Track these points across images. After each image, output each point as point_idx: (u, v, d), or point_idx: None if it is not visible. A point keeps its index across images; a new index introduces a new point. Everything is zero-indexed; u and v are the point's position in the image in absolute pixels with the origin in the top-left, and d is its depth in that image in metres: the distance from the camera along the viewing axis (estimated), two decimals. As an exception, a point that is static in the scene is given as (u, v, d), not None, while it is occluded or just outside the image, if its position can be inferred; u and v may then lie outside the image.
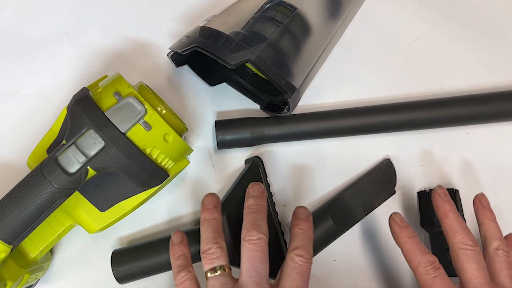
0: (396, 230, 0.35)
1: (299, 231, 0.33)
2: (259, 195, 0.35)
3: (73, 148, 0.31)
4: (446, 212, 0.35)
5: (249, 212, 0.34)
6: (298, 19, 0.39)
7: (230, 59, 0.34)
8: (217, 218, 0.34)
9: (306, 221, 0.34)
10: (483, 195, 0.37)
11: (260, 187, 0.35)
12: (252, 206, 0.34)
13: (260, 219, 0.33)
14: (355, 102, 0.43)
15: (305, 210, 0.35)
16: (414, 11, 0.47)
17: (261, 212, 0.34)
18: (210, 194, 0.36)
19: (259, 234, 0.32)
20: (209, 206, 0.35)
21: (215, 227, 0.33)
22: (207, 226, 0.34)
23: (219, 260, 0.32)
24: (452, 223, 0.34)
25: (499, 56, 0.45)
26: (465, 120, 0.41)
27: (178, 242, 0.35)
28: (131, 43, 0.46)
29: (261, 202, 0.34)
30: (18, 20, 0.46)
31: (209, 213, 0.34)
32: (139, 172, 0.32)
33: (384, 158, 0.42)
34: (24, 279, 0.34)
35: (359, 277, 0.40)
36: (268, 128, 0.40)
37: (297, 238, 0.33)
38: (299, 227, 0.34)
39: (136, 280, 0.37)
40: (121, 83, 0.34)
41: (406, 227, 0.35)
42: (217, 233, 0.33)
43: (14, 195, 0.31)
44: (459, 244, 0.33)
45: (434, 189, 0.37)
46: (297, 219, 0.34)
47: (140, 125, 0.32)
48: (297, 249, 0.32)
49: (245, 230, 0.32)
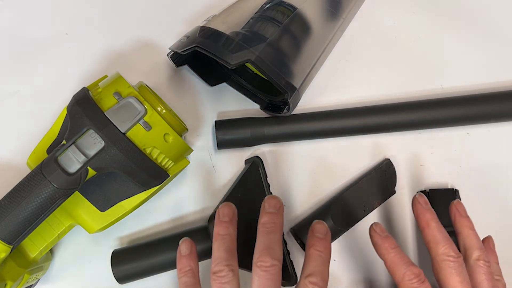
0: (378, 241, 0.33)
1: (314, 253, 0.30)
2: (275, 212, 0.32)
3: (73, 148, 0.31)
4: (427, 222, 0.33)
5: (263, 232, 0.31)
6: (298, 19, 0.39)
7: (230, 59, 0.34)
8: (232, 234, 0.32)
9: (324, 241, 0.31)
10: (459, 202, 0.36)
11: (278, 202, 0.32)
12: (267, 224, 0.31)
13: (275, 241, 0.30)
14: (355, 102, 0.43)
15: (323, 227, 0.32)
16: (414, 11, 0.47)
17: (276, 232, 0.31)
18: (227, 204, 0.33)
19: (273, 260, 0.29)
20: (224, 219, 0.32)
21: (229, 246, 0.31)
22: (221, 243, 0.31)
23: (230, 286, 0.30)
24: (434, 233, 0.33)
25: (499, 56, 0.45)
26: (465, 120, 0.41)
27: (186, 254, 0.33)
28: (131, 43, 0.46)
29: (277, 220, 0.31)
30: (18, 20, 0.46)
31: (224, 227, 0.32)
32: (139, 172, 0.32)
33: (384, 158, 0.42)
34: (24, 279, 0.34)
35: (359, 277, 0.40)
36: (268, 128, 0.40)
37: (312, 261, 0.30)
38: (315, 248, 0.30)
39: (136, 280, 0.37)
40: (121, 83, 0.34)
41: (388, 238, 0.33)
42: (230, 253, 0.31)
43: (14, 195, 0.31)
44: (442, 256, 0.32)
45: (414, 197, 0.35)
46: (313, 237, 0.31)
47: (140, 125, 0.32)
48: (311, 275, 0.29)
49: (258, 254, 0.30)
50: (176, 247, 0.36)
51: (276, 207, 0.32)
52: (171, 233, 0.38)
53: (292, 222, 0.41)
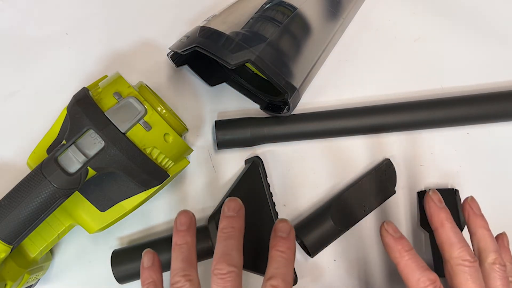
0: (390, 242, 0.31)
1: (276, 254, 0.29)
2: (234, 216, 0.31)
3: (73, 148, 0.31)
4: (442, 222, 0.31)
5: (221, 238, 0.30)
6: (298, 19, 0.39)
7: (230, 59, 0.34)
8: (189, 242, 0.31)
9: (286, 240, 0.30)
10: (473, 199, 0.33)
11: (237, 204, 0.32)
12: (224, 229, 0.30)
13: (232, 247, 0.29)
14: (355, 102, 0.43)
15: (285, 225, 0.31)
16: (414, 11, 0.47)
17: (233, 237, 0.30)
18: (184, 212, 0.32)
19: (229, 266, 0.28)
20: (181, 228, 0.32)
21: (186, 255, 0.30)
22: (177, 253, 0.31)
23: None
24: (449, 235, 0.31)
25: (499, 56, 0.45)
26: (465, 120, 0.41)
27: (148, 266, 0.32)
28: (131, 43, 0.46)
29: (236, 225, 0.31)
30: (18, 20, 0.46)
31: (181, 236, 0.31)
32: (139, 172, 0.32)
33: (384, 158, 0.42)
34: (24, 279, 0.34)
35: (359, 277, 0.40)
36: (268, 128, 0.40)
37: (273, 263, 0.29)
38: (277, 248, 0.29)
39: (136, 280, 0.37)
40: (121, 83, 0.34)
41: (401, 239, 0.31)
42: (187, 263, 0.30)
43: (14, 195, 0.31)
44: (456, 259, 0.30)
45: (427, 194, 0.33)
46: (275, 237, 0.30)
47: (140, 125, 0.32)
48: (272, 278, 0.28)
49: (215, 262, 0.29)
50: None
51: (235, 210, 0.31)
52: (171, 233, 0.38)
53: (292, 222, 0.41)
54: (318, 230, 0.38)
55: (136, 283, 0.37)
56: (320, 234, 0.38)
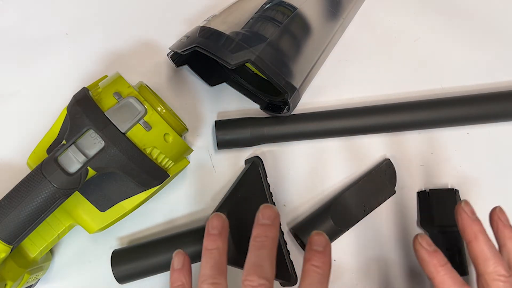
0: (425, 256, 0.30)
1: (310, 268, 0.28)
2: (269, 224, 0.30)
3: (73, 148, 0.31)
4: (475, 234, 0.30)
5: (253, 247, 0.29)
6: (298, 19, 0.39)
7: (230, 59, 0.34)
8: (220, 248, 0.30)
9: (322, 255, 0.28)
10: (502, 210, 0.32)
11: (272, 212, 0.30)
12: (257, 238, 0.29)
13: (264, 258, 0.28)
14: (355, 102, 0.43)
15: (321, 238, 0.29)
16: (414, 11, 0.47)
17: (266, 247, 0.29)
18: (216, 215, 0.31)
19: (260, 279, 0.27)
20: (213, 232, 0.30)
21: (217, 261, 0.29)
22: (208, 258, 0.29)
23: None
24: (483, 248, 0.29)
25: (499, 56, 0.45)
26: (465, 120, 0.41)
27: (178, 268, 0.31)
28: (131, 43, 0.46)
29: (270, 234, 0.29)
30: (18, 20, 0.46)
31: (212, 241, 0.30)
32: (139, 172, 0.32)
33: (384, 158, 0.42)
34: (24, 279, 0.34)
35: (359, 277, 0.40)
36: (268, 128, 0.40)
37: (307, 278, 0.28)
38: (312, 262, 0.28)
39: (136, 280, 0.37)
40: (121, 83, 0.34)
41: (436, 253, 0.30)
42: (217, 270, 0.29)
43: (14, 195, 0.31)
44: (492, 275, 0.29)
45: (459, 205, 0.31)
46: (310, 251, 0.29)
47: (140, 125, 0.32)
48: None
49: (246, 272, 0.28)
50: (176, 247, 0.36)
51: (271, 218, 0.30)
52: (171, 233, 0.38)
53: (292, 222, 0.41)
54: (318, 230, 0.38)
55: (136, 283, 0.37)
56: (320, 234, 0.38)
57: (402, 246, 0.40)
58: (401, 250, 0.40)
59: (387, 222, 0.41)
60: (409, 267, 0.40)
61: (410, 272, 0.40)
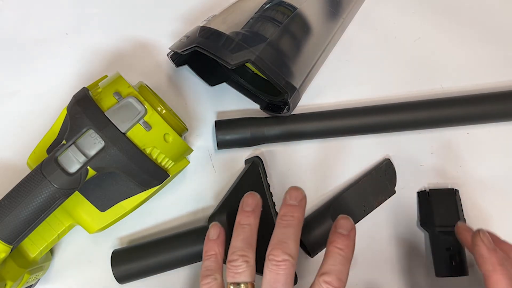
0: (485, 253, 0.29)
1: (333, 250, 0.29)
2: (296, 205, 0.31)
3: (73, 148, 0.31)
4: (494, 267, 0.29)
5: (280, 225, 0.30)
6: (298, 19, 0.39)
7: (230, 59, 0.34)
8: (252, 224, 0.31)
9: (346, 238, 0.29)
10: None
11: (300, 194, 0.31)
12: (284, 217, 0.30)
13: (290, 236, 0.29)
14: (355, 102, 0.43)
15: (347, 222, 0.30)
16: (414, 11, 0.47)
17: (292, 226, 0.30)
18: (251, 194, 0.33)
19: (284, 254, 0.28)
20: (247, 209, 0.32)
21: (248, 236, 0.31)
22: (239, 232, 0.31)
23: (243, 276, 0.29)
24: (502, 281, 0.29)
25: (499, 56, 0.45)
26: (465, 120, 0.41)
27: (214, 238, 0.33)
28: (131, 43, 0.46)
29: (296, 214, 0.30)
30: (18, 20, 0.46)
31: (246, 217, 0.32)
32: (139, 172, 0.32)
33: (384, 158, 0.42)
34: (24, 279, 0.34)
35: (359, 277, 0.40)
36: (268, 128, 0.40)
37: (330, 259, 0.29)
38: (335, 244, 0.29)
39: (136, 280, 0.37)
40: (121, 83, 0.34)
41: (497, 251, 0.29)
42: (247, 244, 0.30)
43: (14, 195, 0.31)
44: None
45: (477, 236, 0.31)
46: (335, 233, 0.30)
47: (140, 125, 0.32)
48: (327, 274, 0.28)
49: (271, 247, 0.29)
50: (176, 247, 0.36)
51: (298, 199, 0.31)
52: (171, 233, 0.38)
53: (292, 222, 0.41)
54: (318, 230, 0.38)
55: (136, 283, 0.37)
56: (320, 234, 0.38)
57: (402, 246, 0.40)
58: (401, 250, 0.40)
59: (387, 222, 0.41)
60: (409, 266, 0.40)
61: (410, 272, 0.40)
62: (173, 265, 0.37)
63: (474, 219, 0.40)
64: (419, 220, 0.41)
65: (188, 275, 0.39)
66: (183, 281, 0.39)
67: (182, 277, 0.39)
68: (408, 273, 0.40)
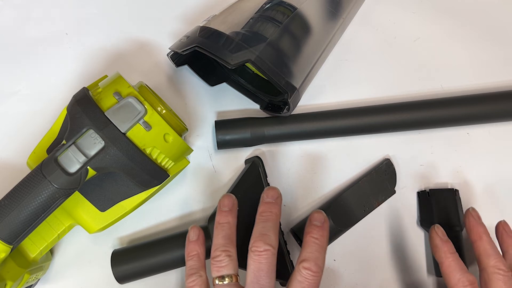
0: (438, 243, 0.35)
1: (310, 240, 0.32)
2: (272, 202, 0.34)
3: (73, 148, 0.31)
4: (480, 235, 0.34)
5: (259, 220, 0.33)
6: (298, 19, 0.39)
7: (230, 59, 0.34)
8: (230, 222, 0.33)
9: (320, 229, 0.33)
10: (506, 223, 0.36)
11: (275, 192, 0.34)
12: (263, 213, 0.33)
13: (269, 229, 0.32)
14: (355, 102, 0.43)
15: (320, 215, 0.33)
16: (414, 11, 0.47)
17: (271, 220, 0.33)
18: (227, 195, 0.35)
19: (265, 245, 0.31)
20: (224, 209, 0.34)
21: (227, 233, 0.33)
22: (219, 230, 0.33)
23: (227, 269, 0.31)
24: (486, 247, 0.34)
25: (499, 56, 0.45)
26: (465, 120, 0.41)
27: (194, 239, 0.35)
28: (131, 43, 0.46)
29: (273, 209, 0.33)
30: (18, 20, 0.46)
31: (223, 216, 0.34)
32: (139, 172, 0.32)
33: (384, 158, 0.42)
34: (24, 279, 0.34)
35: (359, 277, 0.40)
36: (268, 128, 0.40)
37: (307, 248, 0.32)
38: (311, 235, 0.32)
39: (136, 280, 0.37)
40: (121, 83, 0.34)
41: (448, 242, 0.35)
42: (228, 240, 0.32)
43: (14, 195, 0.31)
44: (492, 268, 0.33)
45: (468, 211, 0.36)
46: (310, 225, 0.33)
47: (140, 125, 0.32)
48: (305, 261, 0.31)
49: (252, 240, 0.32)
50: (176, 247, 0.36)
51: (274, 197, 0.34)
52: (171, 233, 0.38)
53: (292, 222, 0.41)
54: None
55: (136, 283, 0.37)
56: (320, 234, 0.38)
57: (402, 246, 0.40)
58: (401, 250, 0.40)
59: (387, 222, 0.41)
60: (409, 266, 0.40)
61: (410, 271, 0.40)
62: (173, 265, 0.37)
63: (474, 219, 0.40)
64: (419, 220, 0.41)
65: (188, 275, 0.39)
66: (183, 281, 0.39)
67: (182, 277, 0.39)
68: (408, 273, 0.40)
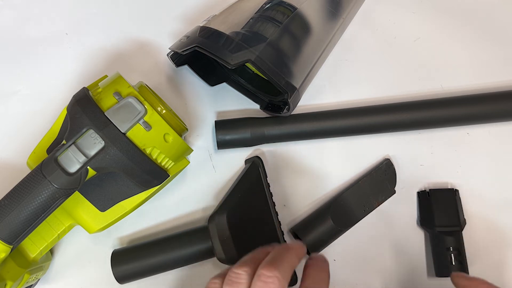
0: (466, 283, 0.31)
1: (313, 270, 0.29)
2: (300, 255, 0.30)
3: (73, 148, 0.31)
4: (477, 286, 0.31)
5: (279, 248, 0.29)
6: (298, 19, 0.39)
7: (230, 59, 0.34)
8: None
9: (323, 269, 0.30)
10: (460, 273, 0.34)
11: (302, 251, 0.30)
12: (286, 247, 0.29)
13: (285, 259, 0.28)
14: (355, 102, 0.43)
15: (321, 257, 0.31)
16: (414, 11, 0.47)
17: (290, 255, 0.28)
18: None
19: (275, 271, 0.26)
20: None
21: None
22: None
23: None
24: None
25: (499, 56, 0.45)
26: (465, 120, 0.41)
27: None
28: (131, 43, 0.46)
29: (299, 254, 0.29)
30: (18, 20, 0.46)
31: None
32: (139, 172, 0.32)
33: (384, 158, 0.42)
34: (24, 279, 0.34)
35: (359, 277, 0.40)
36: (268, 128, 0.40)
37: (310, 278, 0.29)
38: (313, 268, 0.29)
39: (136, 280, 0.37)
40: (121, 83, 0.34)
41: (475, 278, 0.31)
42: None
43: (14, 195, 0.31)
44: None
45: (453, 275, 0.33)
46: (311, 258, 0.31)
47: (140, 125, 0.32)
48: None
49: (263, 263, 0.27)
50: (176, 247, 0.36)
51: (300, 254, 0.30)
52: (171, 233, 0.38)
53: (292, 222, 0.41)
54: (318, 230, 0.38)
55: (136, 283, 0.37)
56: (320, 234, 0.38)
57: (402, 246, 0.40)
58: (401, 249, 0.40)
59: (387, 222, 0.41)
60: (409, 266, 0.40)
61: (410, 271, 0.40)
62: (173, 265, 0.37)
63: (474, 219, 0.40)
64: (419, 220, 0.41)
65: (188, 275, 0.39)
66: (183, 281, 0.39)
67: (182, 277, 0.39)
68: (408, 273, 0.40)
